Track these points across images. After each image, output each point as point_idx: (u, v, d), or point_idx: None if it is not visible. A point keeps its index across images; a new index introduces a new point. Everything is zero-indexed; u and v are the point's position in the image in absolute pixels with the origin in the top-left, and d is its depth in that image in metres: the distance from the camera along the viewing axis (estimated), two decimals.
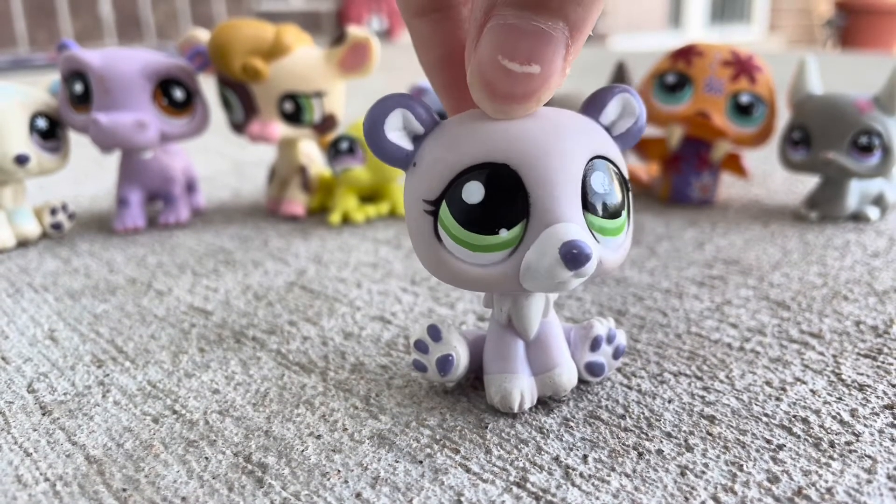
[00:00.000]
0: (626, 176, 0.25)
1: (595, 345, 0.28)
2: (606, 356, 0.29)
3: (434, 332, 0.28)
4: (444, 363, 0.27)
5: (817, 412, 0.27)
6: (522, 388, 0.27)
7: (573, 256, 0.22)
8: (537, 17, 0.21)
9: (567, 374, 0.27)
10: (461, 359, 0.28)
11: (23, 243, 0.50)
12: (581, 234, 0.22)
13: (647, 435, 0.26)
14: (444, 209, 0.23)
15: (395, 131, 0.24)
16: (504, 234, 0.23)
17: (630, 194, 0.25)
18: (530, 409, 0.27)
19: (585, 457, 0.24)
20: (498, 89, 0.22)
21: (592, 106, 0.25)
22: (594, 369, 0.28)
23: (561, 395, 0.27)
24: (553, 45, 0.21)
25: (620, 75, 0.58)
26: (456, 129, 0.24)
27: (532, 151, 0.23)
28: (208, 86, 0.53)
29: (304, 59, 0.50)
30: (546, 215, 0.23)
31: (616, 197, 0.24)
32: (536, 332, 0.27)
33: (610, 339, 0.29)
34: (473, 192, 0.23)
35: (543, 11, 0.21)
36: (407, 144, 0.24)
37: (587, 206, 0.23)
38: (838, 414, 0.27)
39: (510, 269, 0.23)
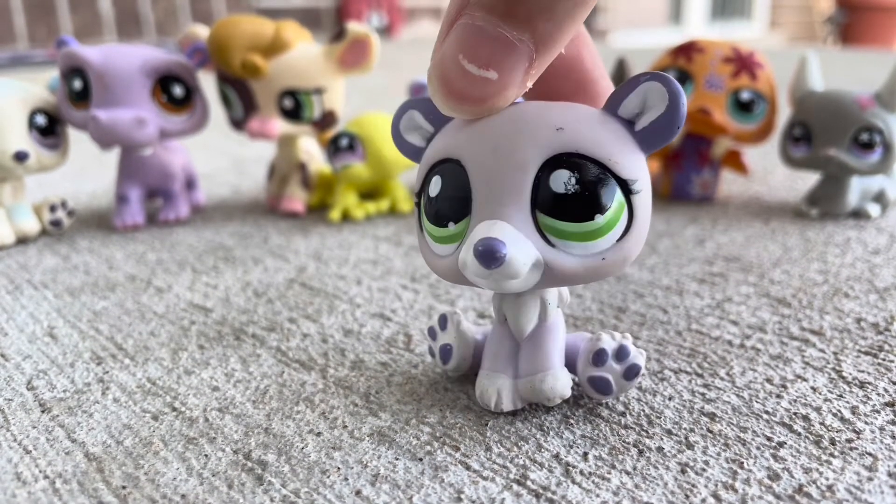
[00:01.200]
0: (629, 177, 0.23)
1: (598, 359, 0.26)
2: (614, 374, 0.26)
3: (442, 321, 0.29)
4: (444, 352, 0.29)
5: (818, 409, 0.27)
6: (500, 388, 0.26)
7: (481, 254, 0.22)
8: (504, 24, 0.21)
9: (550, 382, 0.26)
10: (460, 350, 0.28)
11: (22, 240, 0.50)
12: (502, 233, 0.22)
13: (647, 432, 0.26)
14: (422, 201, 0.25)
15: (411, 131, 0.26)
16: (452, 227, 0.24)
17: (635, 197, 0.23)
18: (530, 407, 0.27)
19: (586, 454, 0.24)
20: (452, 87, 0.22)
21: (612, 98, 0.23)
22: (598, 385, 0.26)
23: (545, 402, 0.26)
24: (514, 56, 0.21)
25: (621, 72, 0.58)
26: (448, 127, 0.25)
27: (480, 148, 0.23)
28: (208, 82, 0.53)
29: (304, 55, 0.50)
30: (481, 211, 0.23)
31: (587, 198, 0.22)
32: (531, 334, 0.26)
33: (620, 357, 0.26)
34: (434, 186, 0.24)
35: (511, 20, 0.21)
36: (419, 142, 0.26)
37: (541, 205, 0.22)
38: (839, 411, 0.27)
39: (454, 262, 0.24)
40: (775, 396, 0.28)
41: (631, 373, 0.26)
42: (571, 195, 0.22)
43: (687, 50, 0.53)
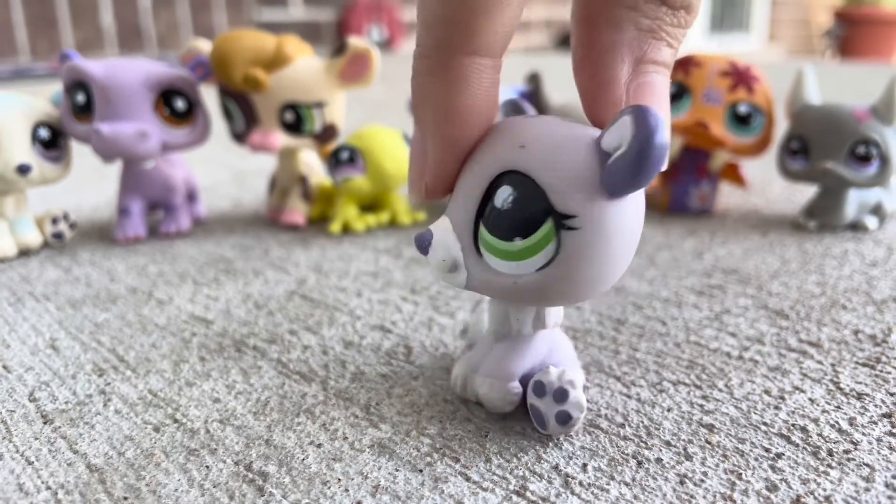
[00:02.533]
0: (567, 211, 0.21)
1: (536, 389, 0.25)
2: (549, 409, 0.25)
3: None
4: (464, 329, 0.32)
5: (816, 421, 0.27)
6: (461, 376, 0.29)
7: (416, 240, 0.25)
8: None
9: (486, 389, 0.27)
10: (472, 332, 0.31)
11: (24, 252, 0.50)
12: (436, 229, 0.24)
13: (646, 444, 0.26)
14: None
15: None
16: None
17: (566, 233, 0.22)
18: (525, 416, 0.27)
19: (585, 465, 0.25)
20: None
21: (606, 127, 0.21)
22: (534, 414, 0.26)
23: (479, 402, 0.28)
24: None
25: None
26: None
27: (470, 155, 0.25)
28: (210, 96, 0.53)
29: (305, 69, 0.50)
30: (450, 211, 0.25)
31: (514, 219, 0.22)
32: (503, 339, 0.28)
33: (557, 397, 0.25)
34: None
35: None
36: None
37: (483, 215, 0.23)
38: (837, 422, 0.27)
39: None
40: (773, 408, 0.28)
41: (561, 417, 0.25)
42: (503, 212, 0.23)
43: (685, 64, 0.54)
